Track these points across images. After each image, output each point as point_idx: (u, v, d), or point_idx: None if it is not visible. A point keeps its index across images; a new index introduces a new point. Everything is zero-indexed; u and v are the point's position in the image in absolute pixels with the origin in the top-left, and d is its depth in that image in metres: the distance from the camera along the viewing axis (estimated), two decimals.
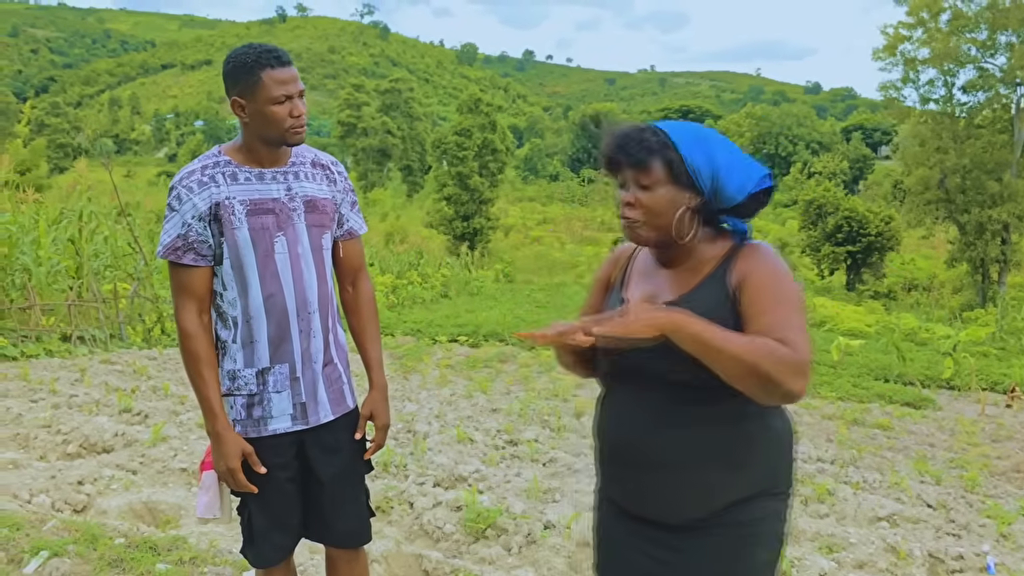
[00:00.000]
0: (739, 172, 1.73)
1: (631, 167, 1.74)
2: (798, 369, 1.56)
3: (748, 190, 1.73)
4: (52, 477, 4.44)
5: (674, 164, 1.72)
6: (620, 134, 1.77)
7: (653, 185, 1.73)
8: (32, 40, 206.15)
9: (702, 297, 1.73)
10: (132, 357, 8.86)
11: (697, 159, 1.71)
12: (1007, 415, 8.47)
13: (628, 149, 1.74)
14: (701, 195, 1.74)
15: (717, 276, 1.74)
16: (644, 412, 1.76)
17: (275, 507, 2.27)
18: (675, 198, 1.73)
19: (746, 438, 1.73)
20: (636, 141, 1.74)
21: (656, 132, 1.75)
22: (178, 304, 2.18)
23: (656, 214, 1.74)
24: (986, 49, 29.48)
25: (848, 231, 32.37)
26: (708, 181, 1.72)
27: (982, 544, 4.18)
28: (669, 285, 1.81)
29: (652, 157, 1.72)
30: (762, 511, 1.75)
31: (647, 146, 1.73)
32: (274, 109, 2.09)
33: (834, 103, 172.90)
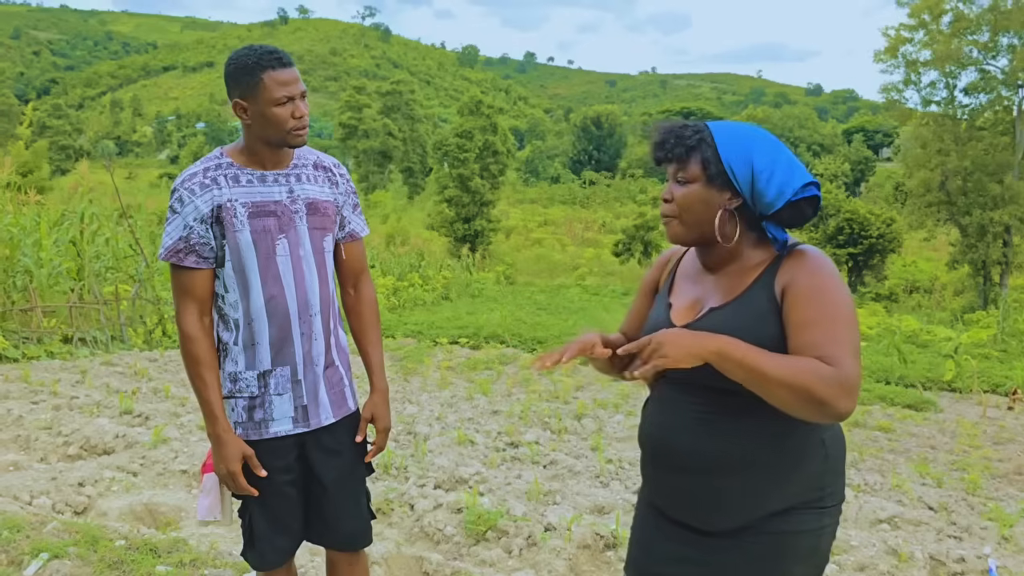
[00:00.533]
0: (779, 177, 1.67)
1: (670, 162, 1.75)
2: (846, 390, 1.51)
3: (787, 197, 1.67)
4: (53, 479, 4.44)
5: (710, 162, 1.69)
6: (664, 129, 1.77)
7: (689, 181, 1.72)
8: (34, 42, 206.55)
9: (748, 304, 1.69)
10: (133, 359, 8.86)
11: (734, 159, 1.68)
12: (1009, 417, 8.45)
13: (666, 144, 1.74)
14: (741, 197, 1.70)
15: (763, 283, 1.69)
16: (689, 417, 1.73)
17: (276, 510, 2.27)
18: (709, 197, 1.70)
19: (792, 448, 1.68)
20: (675, 136, 1.73)
21: (698, 129, 1.73)
22: (179, 306, 2.18)
23: (688, 211, 1.72)
24: (988, 51, 29.44)
25: (849, 233, 32.34)
26: (746, 183, 1.68)
27: (984, 547, 4.17)
28: (715, 290, 1.77)
29: (689, 153, 1.71)
30: (801, 524, 1.69)
31: (685, 142, 1.72)
32: (276, 111, 2.08)
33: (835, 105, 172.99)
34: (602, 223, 52.99)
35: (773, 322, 1.65)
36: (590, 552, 3.76)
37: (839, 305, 1.61)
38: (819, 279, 1.64)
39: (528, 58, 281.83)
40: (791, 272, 1.67)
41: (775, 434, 1.66)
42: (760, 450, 1.67)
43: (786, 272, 1.67)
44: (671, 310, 1.84)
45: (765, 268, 1.71)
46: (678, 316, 1.81)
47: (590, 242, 46.79)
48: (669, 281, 1.92)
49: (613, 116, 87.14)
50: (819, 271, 1.65)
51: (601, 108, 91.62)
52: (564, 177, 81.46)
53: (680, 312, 1.81)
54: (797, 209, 1.70)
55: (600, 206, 62.61)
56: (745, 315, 1.67)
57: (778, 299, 1.66)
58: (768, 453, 1.67)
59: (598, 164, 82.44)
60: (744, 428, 1.67)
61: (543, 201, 66.11)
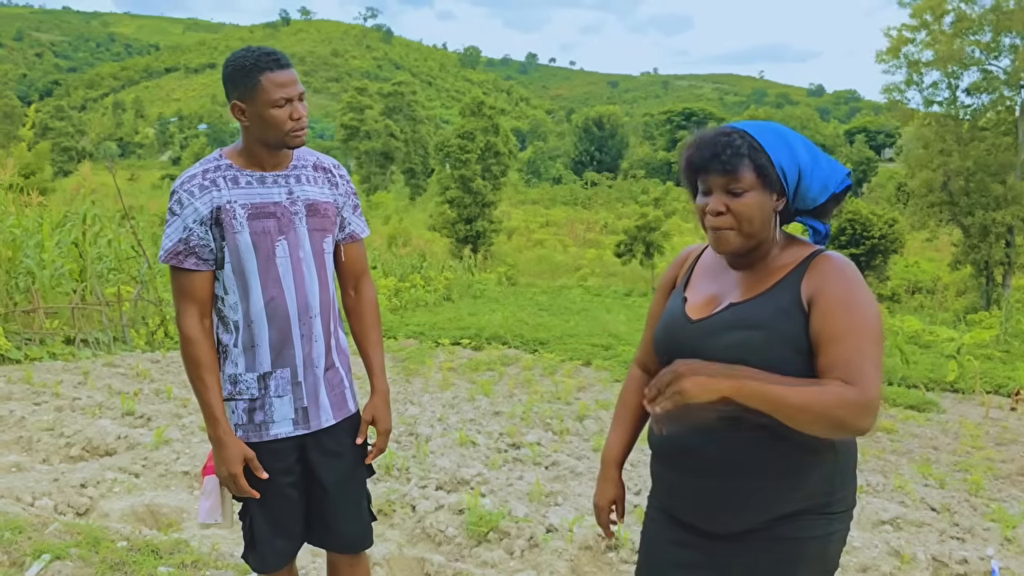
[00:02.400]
0: (823, 172, 1.68)
1: (721, 174, 1.68)
2: (868, 411, 1.53)
3: (832, 190, 1.68)
4: (55, 480, 4.44)
5: (764, 168, 1.66)
6: (708, 140, 1.71)
7: (745, 191, 1.67)
8: (36, 44, 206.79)
9: (770, 302, 1.68)
10: (135, 360, 8.87)
11: (785, 161, 1.67)
12: (1011, 418, 8.43)
13: (721, 156, 1.67)
14: (785, 197, 1.70)
15: (789, 284, 1.69)
16: (699, 418, 1.72)
17: (277, 512, 2.26)
18: (765, 203, 1.69)
19: (802, 452, 1.66)
20: (725, 146, 1.67)
21: (743, 135, 1.69)
22: (179, 309, 2.18)
23: (748, 220, 1.69)
24: (990, 51, 29.41)
25: (852, 234, 32.30)
26: (794, 182, 1.68)
27: (986, 548, 4.16)
28: (737, 287, 1.76)
29: (743, 162, 1.66)
30: (809, 529, 1.69)
31: (737, 151, 1.67)
32: (273, 112, 2.08)
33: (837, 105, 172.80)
34: (604, 224, 52.95)
35: (796, 322, 1.64)
36: (592, 553, 3.76)
37: (867, 318, 1.61)
38: (850, 290, 1.63)
39: (530, 59, 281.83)
40: (820, 279, 1.66)
41: (785, 438, 1.65)
42: (770, 452, 1.66)
43: (815, 278, 1.66)
44: (686, 304, 1.83)
45: (792, 270, 1.70)
46: (693, 310, 1.80)
47: (592, 243, 46.76)
48: (686, 277, 1.91)
49: (615, 117, 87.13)
50: (847, 282, 1.64)
51: (603, 109, 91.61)
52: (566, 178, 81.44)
53: (696, 306, 1.81)
54: (834, 200, 1.72)
55: (602, 207, 62.58)
56: (766, 312, 1.67)
57: (804, 304, 1.65)
58: (778, 456, 1.66)
59: (600, 165, 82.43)
60: (754, 430, 1.66)
61: (545, 202, 66.08)
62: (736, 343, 1.67)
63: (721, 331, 1.71)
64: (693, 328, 1.77)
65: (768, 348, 1.64)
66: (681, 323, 1.80)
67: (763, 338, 1.65)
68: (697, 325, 1.77)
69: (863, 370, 1.55)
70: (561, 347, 11.59)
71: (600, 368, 10.27)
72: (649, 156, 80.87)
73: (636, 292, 29.29)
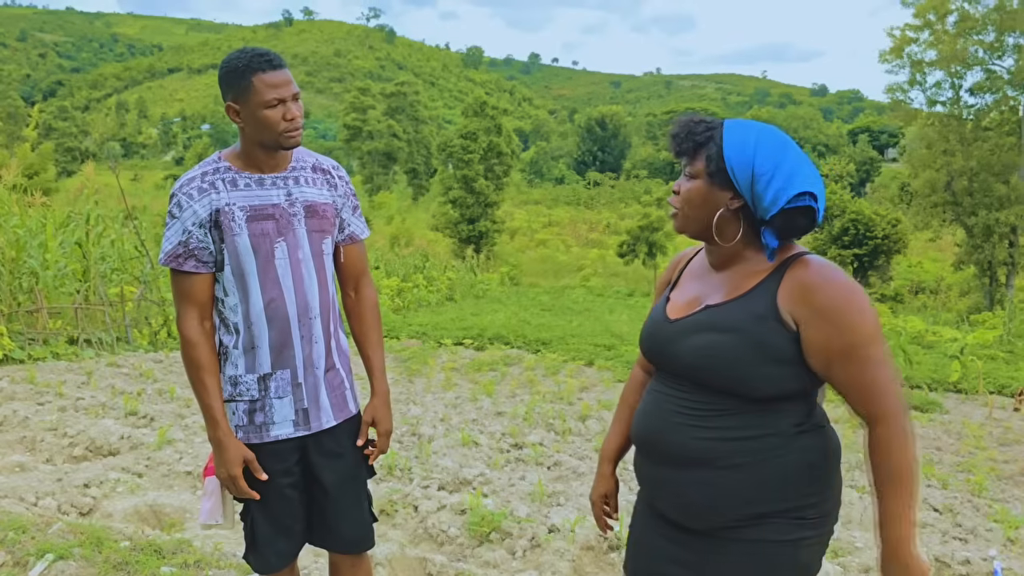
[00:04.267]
0: (777, 183, 1.63)
1: (680, 155, 1.76)
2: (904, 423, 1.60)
3: (781, 204, 1.63)
4: (58, 480, 4.45)
5: (712, 160, 1.69)
6: (680, 123, 1.78)
7: (694, 177, 1.73)
8: (40, 44, 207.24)
9: (746, 306, 1.68)
10: (138, 360, 8.89)
11: (736, 159, 1.65)
12: (1015, 419, 8.42)
13: (679, 137, 1.76)
14: (743, 198, 1.69)
15: (765, 289, 1.67)
16: (674, 410, 1.74)
17: (278, 513, 2.27)
18: (710, 194, 1.71)
19: (769, 453, 1.66)
20: (687, 131, 1.74)
21: (711, 126, 1.73)
22: (180, 311, 2.18)
23: (690, 204, 1.74)
24: (993, 51, 29.38)
25: (855, 234, 32.27)
26: (746, 185, 1.66)
27: (989, 548, 4.16)
28: (716, 289, 1.77)
29: (698, 149, 1.72)
30: (781, 533, 1.68)
31: (695, 137, 1.73)
32: (267, 113, 2.07)
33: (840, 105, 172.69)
34: (606, 224, 52.98)
35: (770, 330, 1.63)
36: (593, 554, 3.76)
37: (867, 327, 1.60)
38: (839, 298, 1.61)
39: (533, 59, 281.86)
40: (801, 288, 1.63)
41: (751, 435, 1.67)
42: (738, 450, 1.67)
43: (795, 290, 1.63)
44: (668, 304, 1.86)
45: (769, 274, 1.69)
46: (673, 310, 1.82)
47: (594, 243, 46.78)
48: (676, 279, 1.93)
49: (618, 117, 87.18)
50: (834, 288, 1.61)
51: (606, 109, 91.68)
52: (568, 178, 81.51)
53: (677, 306, 1.83)
54: (790, 218, 1.65)
55: (604, 207, 62.62)
56: (739, 316, 1.66)
57: (787, 316, 1.63)
58: (742, 453, 1.67)
59: (603, 165, 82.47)
60: (725, 427, 1.68)
61: (547, 202, 66.13)
62: (705, 344, 1.68)
63: (693, 332, 1.72)
64: (670, 327, 1.79)
65: (737, 352, 1.64)
66: (661, 322, 1.83)
67: (731, 342, 1.65)
68: (674, 325, 1.79)
69: (883, 390, 1.60)
70: (563, 347, 11.59)
71: (602, 368, 10.27)
72: (652, 156, 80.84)
73: (639, 292, 29.26)
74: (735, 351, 1.64)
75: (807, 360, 1.63)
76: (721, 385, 1.67)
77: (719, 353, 1.65)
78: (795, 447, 1.68)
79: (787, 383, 1.65)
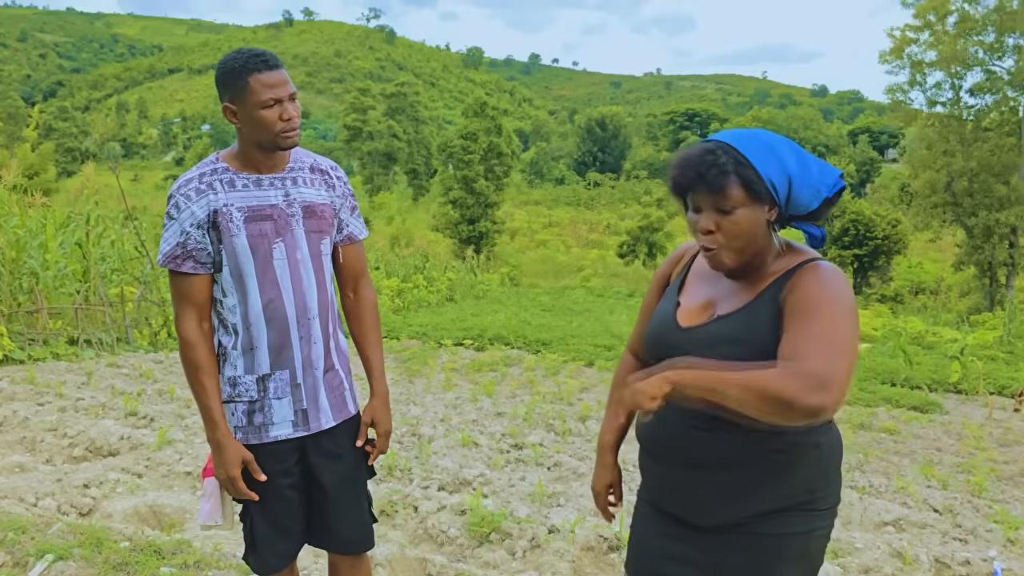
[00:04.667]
0: (813, 177, 1.65)
1: (708, 193, 1.65)
2: (814, 385, 1.44)
3: (824, 194, 1.65)
4: (58, 480, 4.45)
5: (752, 183, 1.62)
6: (692, 158, 1.67)
7: (734, 208, 1.64)
8: (40, 45, 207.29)
9: (754, 314, 1.68)
10: (138, 360, 8.89)
11: (773, 172, 1.64)
12: (1015, 419, 8.42)
13: (705, 176, 1.63)
14: (777, 206, 1.67)
15: (772, 295, 1.68)
16: (685, 411, 1.72)
17: (277, 514, 2.27)
18: (756, 217, 1.66)
19: (785, 448, 1.67)
20: (711, 165, 1.63)
21: (727, 150, 1.65)
22: (178, 312, 2.19)
23: (739, 237, 1.66)
24: (993, 52, 29.39)
25: (855, 234, 32.28)
26: (784, 192, 1.66)
27: (989, 549, 4.15)
28: (728, 296, 1.75)
29: (729, 179, 1.62)
30: (794, 526, 1.69)
31: (722, 168, 1.63)
32: (263, 113, 2.08)
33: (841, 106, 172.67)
34: (607, 225, 53.01)
35: (777, 329, 1.64)
36: (593, 554, 3.76)
37: (833, 308, 1.57)
38: (819, 288, 1.61)
39: (533, 60, 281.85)
40: (795, 283, 1.65)
41: (769, 433, 1.66)
42: (754, 448, 1.67)
43: (796, 279, 1.66)
44: (679, 308, 1.83)
45: (776, 279, 1.69)
46: (684, 316, 1.80)
47: (595, 244, 46.81)
48: (682, 277, 1.90)
49: (618, 118, 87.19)
50: (823, 282, 1.62)
51: (606, 110, 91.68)
52: (569, 179, 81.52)
53: (688, 313, 1.80)
54: (827, 204, 1.69)
55: (605, 207, 62.64)
56: (749, 326, 1.66)
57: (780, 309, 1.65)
58: (761, 452, 1.67)
59: (603, 166, 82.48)
60: (736, 427, 1.67)
61: (548, 203, 66.15)
62: (723, 358, 1.65)
63: (708, 346, 1.70)
64: (681, 336, 1.77)
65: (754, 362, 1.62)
66: (671, 329, 1.80)
67: (749, 353, 1.63)
68: (686, 334, 1.77)
69: (813, 349, 1.49)
70: (564, 348, 11.59)
71: (603, 369, 10.27)
72: (652, 157, 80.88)
73: (639, 293, 29.25)
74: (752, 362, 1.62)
75: None
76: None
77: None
78: (811, 442, 1.70)
79: None
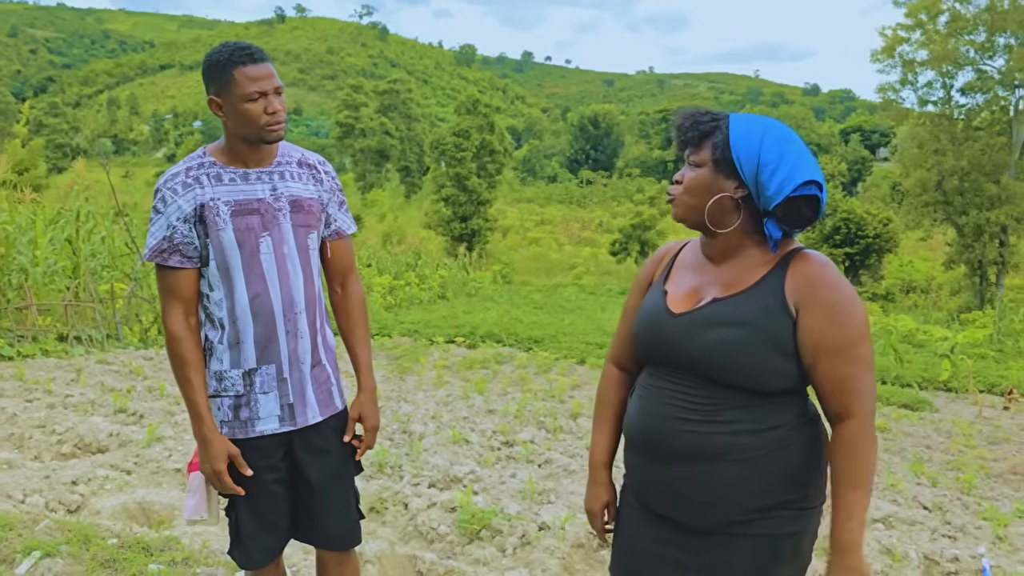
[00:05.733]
0: (783, 172, 1.65)
1: (685, 145, 1.77)
2: (872, 425, 1.64)
3: (786, 192, 1.64)
4: (46, 477, 4.43)
5: (718, 148, 1.70)
6: (684, 114, 1.79)
7: (698, 165, 1.74)
8: (31, 40, 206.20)
9: (754, 299, 1.68)
10: (128, 357, 8.85)
11: (742, 147, 1.67)
12: (1004, 417, 8.46)
13: (684, 127, 1.76)
14: (747, 188, 1.69)
15: (773, 283, 1.68)
16: (674, 406, 1.73)
17: (263, 509, 2.26)
18: (714, 182, 1.71)
19: (774, 443, 1.67)
20: (693, 121, 1.75)
21: (716, 117, 1.75)
22: (165, 306, 2.17)
23: (691, 192, 1.74)
24: (984, 51, 29.48)
25: (846, 233, 32.36)
26: (751, 174, 1.67)
27: (978, 546, 4.17)
28: (717, 281, 1.76)
29: (703, 138, 1.73)
30: (783, 525, 1.70)
31: (699, 127, 1.74)
32: (248, 107, 2.07)
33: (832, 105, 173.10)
34: (599, 222, 53.03)
35: (781, 324, 1.65)
36: (584, 551, 3.75)
37: (857, 325, 1.64)
38: (837, 296, 1.65)
39: (526, 57, 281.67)
40: (805, 284, 1.66)
41: (758, 429, 1.67)
42: (745, 444, 1.67)
43: (799, 282, 1.66)
44: (667, 297, 1.82)
45: (773, 267, 1.70)
46: (675, 303, 1.79)
47: (587, 241, 46.82)
48: (665, 273, 1.90)
49: (610, 115, 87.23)
50: (834, 286, 1.66)
51: (598, 107, 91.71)
52: (561, 176, 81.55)
53: (677, 299, 1.80)
54: (795, 207, 1.66)
55: (597, 205, 62.66)
56: (751, 310, 1.67)
57: (792, 308, 1.66)
58: (751, 447, 1.67)
59: (595, 163, 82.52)
60: (733, 420, 1.67)
61: (540, 200, 66.13)
62: (721, 340, 1.67)
63: (705, 327, 1.70)
64: (676, 322, 1.76)
65: (752, 347, 1.65)
66: (663, 316, 1.79)
67: (748, 336, 1.65)
68: (680, 319, 1.76)
69: (861, 389, 1.63)
70: (555, 345, 11.59)
71: (594, 366, 10.28)
72: (644, 155, 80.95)
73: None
74: (750, 346, 1.64)
75: (798, 350, 1.65)
76: (733, 380, 1.66)
77: (734, 348, 1.65)
78: (799, 439, 1.71)
79: (793, 376, 1.67)
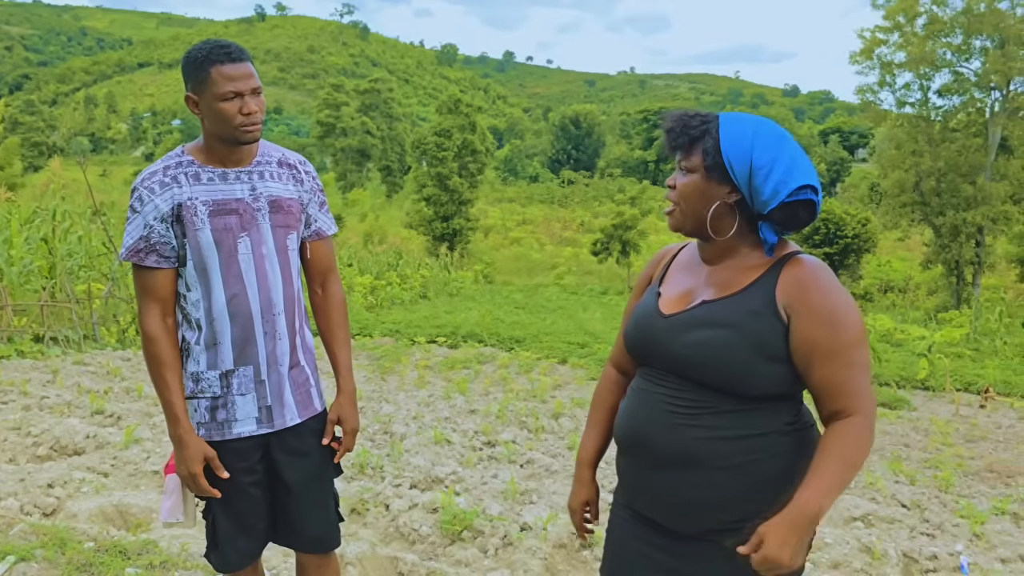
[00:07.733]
0: (777, 176, 1.63)
1: (675, 150, 1.74)
2: (873, 424, 1.62)
3: (781, 197, 1.63)
4: (21, 480, 4.36)
5: (709, 153, 1.67)
6: (673, 117, 1.75)
7: (691, 171, 1.71)
8: (6, 37, 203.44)
9: (743, 302, 1.66)
10: (105, 358, 8.75)
11: (734, 152, 1.65)
12: (980, 415, 8.55)
13: (673, 132, 1.73)
14: (740, 192, 1.68)
15: (763, 286, 1.66)
16: (661, 409, 1.71)
17: (240, 511, 2.23)
18: (707, 189, 1.69)
19: (758, 453, 1.66)
20: (682, 124, 1.72)
21: (706, 119, 1.71)
22: (141, 307, 2.14)
23: (686, 200, 1.72)
24: (961, 54, 29.78)
25: (825, 233, 32.58)
26: (744, 178, 1.65)
27: (956, 544, 4.21)
28: (709, 284, 1.75)
29: (693, 143, 1.70)
30: None
31: (689, 131, 1.70)
32: (223, 106, 2.04)
33: (812, 106, 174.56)
34: (580, 222, 53.07)
35: (768, 327, 1.63)
36: (566, 551, 3.75)
37: (852, 328, 1.62)
38: (831, 300, 1.62)
39: (507, 57, 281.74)
40: (797, 289, 1.64)
41: (739, 435, 1.66)
42: (733, 449, 1.66)
43: (790, 286, 1.64)
44: (659, 299, 1.82)
45: (766, 270, 1.69)
46: (666, 304, 1.79)
47: (568, 241, 46.83)
48: (662, 274, 1.90)
49: (592, 116, 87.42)
50: (827, 290, 1.63)
51: (580, 108, 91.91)
52: (543, 176, 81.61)
53: (669, 301, 1.80)
54: (791, 211, 1.66)
55: (578, 205, 62.74)
56: (737, 312, 1.65)
57: (782, 312, 1.64)
58: (740, 454, 1.66)
59: (577, 163, 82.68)
60: (718, 425, 1.66)
61: (521, 200, 66.14)
62: (702, 340, 1.66)
63: (690, 328, 1.70)
64: (664, 323, 1.76)
65: (733, 348, 1.63)
66: (652, 317, 1.79)
67: (729, 337, 1.64)
68: (668, 320, 1.75)
69: (859, 391, 1.61)
70: (537, 345, 11.58)
71: (576, 366, 10.28)
72: (626, 155, 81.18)
73: (612, 290, 29.37)
74: (733, 347, 1.63)
75: (790, 355, 1.64)
76: (716, 382, 1.65)
77: (716, 349, 1.64)
78: (788, 445, 1.68)
79: (782, 381, 1.65)
